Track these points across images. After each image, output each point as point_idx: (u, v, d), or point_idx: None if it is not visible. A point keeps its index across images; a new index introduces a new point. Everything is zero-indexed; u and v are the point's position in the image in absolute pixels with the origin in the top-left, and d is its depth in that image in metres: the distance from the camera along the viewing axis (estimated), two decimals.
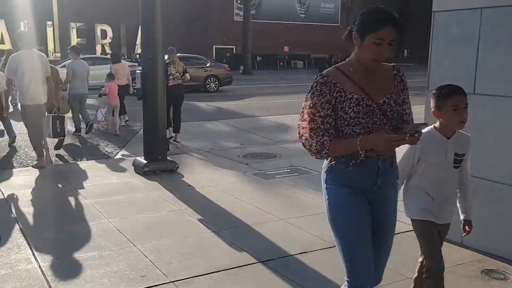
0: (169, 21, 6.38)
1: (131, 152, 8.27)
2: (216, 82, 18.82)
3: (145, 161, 6.48)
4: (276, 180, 6.17)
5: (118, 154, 8.25)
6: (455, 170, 2.79)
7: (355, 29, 2.21)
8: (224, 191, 5.67)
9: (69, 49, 10.57)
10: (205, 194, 5.57)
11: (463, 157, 2.78)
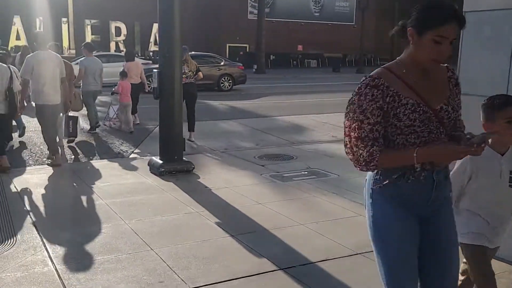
0: (182, 19, 6.32)
1: (145, 151, 8.21)
2: (230, 81, 18.73)
3: (160, 161, 6.40)
4: (294, 182, 6.06)
5: (132, 153, 8.19)
6: (511, 190, 2.49)
7: (411, 24, 1.96)
8: (241, 193, 5.57)
9: (82, 46, 10.59)
10: (221, 196, 5.48)
11: None
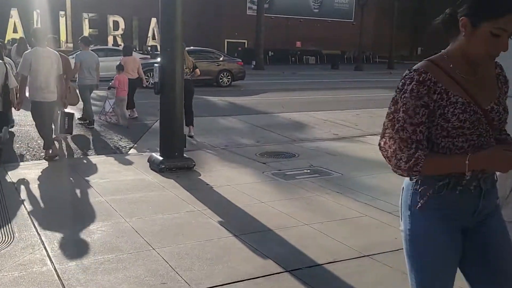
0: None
1: (144, 147, 8.10)
2: (229, 77, 18.59)
3: (161, 158, 6.29)
4: (296, 181, 5.96)
5: (131, 149, 8.08)
6: None
7: (463, 13, 1.75)
8: (243, 191, 5.47)
9: (79, 39, 10.49)
10: (223, 194, 5.37)
11: None
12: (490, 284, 1.91)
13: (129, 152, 7.80)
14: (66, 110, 7.91)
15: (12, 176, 5.91)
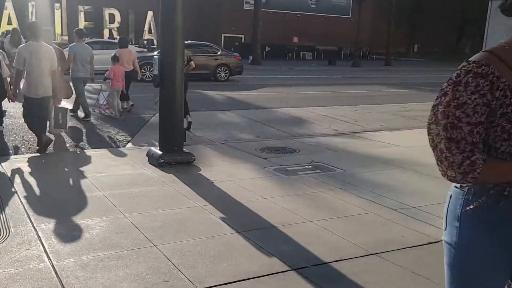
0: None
1: (142, 141, 7.97)
2: (227, 71, 18.42)
3: (160, 152, 6.16)
4: (298, 177, 5.85)
5: (128, 143, 7.95)
6: None
7: None
8: (245, 187, 5.35)
9: (73, 32, 10.37)
10: (225, 190, 5.26)
11: None
12: None
13: (126, 146, 7.66)
14: (59, 105, 7.78)
15: (7, 169, 5.76)
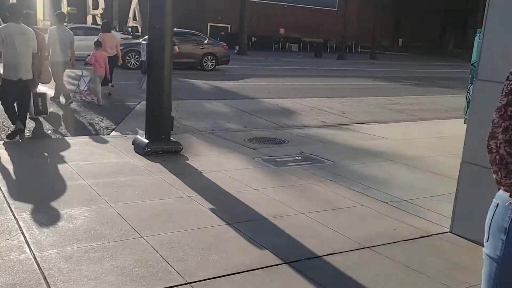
0: None
1: (127, 129, 7.78)
2: (213, 61, 18.18)
3: (146, 141, 5.99)
4: (288, 168, 5.74)
5: (113, 130, 7.74)
6: None
7: None
8: (234, 177, 5.23)
9: (54, 14, 10.11)
10: (214, 180, 5.12)
11: None
12: None
13: (111, 134, 7.46)
14: (38, 91, 7.56)
15: None
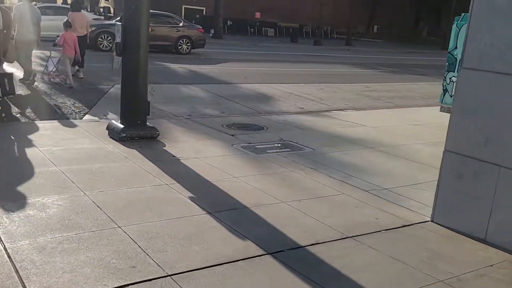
0: None
1: (100, 113, 7.54)
2: (189, 44, 17.84)
3: (122, 126, 5.80)
4: (268, 155, 5.66)
5: (86, 114, 7.49)
6: None
7: None
8: (213, 165, 5.11)
9: None
10: (192, 167, 5.00)
11: None
12: None
13: (84, 118, 7.21)
14: (4, 71, 7.24)
15: None
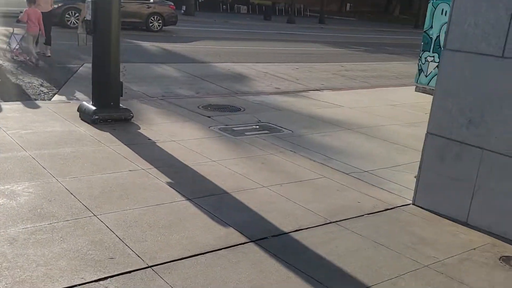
0: None
1: (70, 94, 7.26)
2: (160, 21, 17.35)
3: (94, 107, 5.57)
4: (246, 138, 5.55)
5: (55, 95, 7.18)
6: None
7: None
8: (190, 148, 4.97)
9: None
10: (169, 151, 4.84)
11: None
12: None
13: (53, 99, 6.92)
14: None
15: None
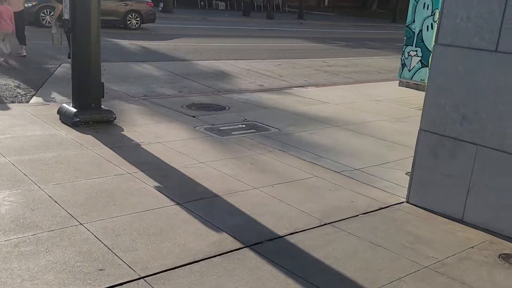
0: None
1: (48, 96, 7.04)
2: (138, 19, 17.04)
3: (74, 109, 5.38)
4: (233, 137, 5.43)
5: (33, 97, 6.95)
6: None
7: None
8: (177, 150, 4.83)
9: None
10: (154, 153, 4.69)
11: None
12: None
13: (30, 102, 6.68)
14: None
15: None
